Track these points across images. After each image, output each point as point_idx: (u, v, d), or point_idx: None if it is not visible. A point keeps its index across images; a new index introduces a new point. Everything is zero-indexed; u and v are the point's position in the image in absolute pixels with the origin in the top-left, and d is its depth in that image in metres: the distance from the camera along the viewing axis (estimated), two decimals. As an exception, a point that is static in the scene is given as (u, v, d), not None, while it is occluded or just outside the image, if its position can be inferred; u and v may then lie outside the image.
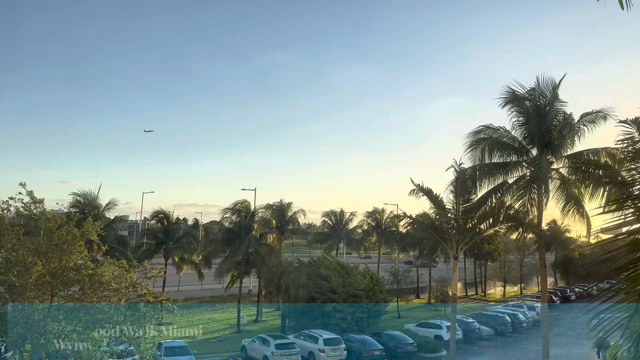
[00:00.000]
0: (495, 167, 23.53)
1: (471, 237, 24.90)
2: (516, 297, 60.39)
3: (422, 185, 25.70)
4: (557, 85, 23.08)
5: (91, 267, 16.88)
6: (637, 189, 5.21)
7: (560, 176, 22.99)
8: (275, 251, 43.06)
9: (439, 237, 25.94)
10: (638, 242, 4.89)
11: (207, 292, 55.68)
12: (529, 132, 23.49)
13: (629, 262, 4.96)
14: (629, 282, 5.03)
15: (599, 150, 22.38)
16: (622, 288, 5.11)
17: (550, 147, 23.09)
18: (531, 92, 23.26)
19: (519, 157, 23.80)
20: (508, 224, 24.89)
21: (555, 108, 23.12)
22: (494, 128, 24.08)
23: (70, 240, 16.75)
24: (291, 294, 34.50)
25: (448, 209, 25.15)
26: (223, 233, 45.07)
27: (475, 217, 24.44)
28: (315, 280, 36.26)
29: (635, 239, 4.96)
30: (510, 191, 23.77)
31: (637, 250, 4.85)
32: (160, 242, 45.03)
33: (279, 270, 37.09)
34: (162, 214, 46.47)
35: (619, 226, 5.12)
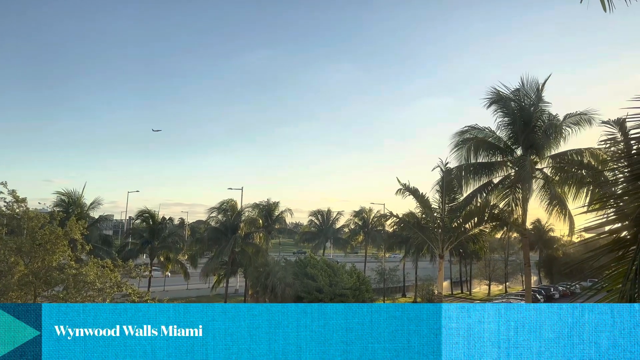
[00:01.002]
0: (480, 167, 23.78)
1: (457, 236, 25.13)
2: (501, 295, 61.00)
3: (409, 185, 25.90)
4: (541, 86, 23.39)
5: (75, 266, 16.69)
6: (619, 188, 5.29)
7: (544, 176, 23.28)
8: (262, 250, 42.98)
9: (425, 236, 26.14)
10: (620, 241, 4.96)
11: (193, 292, 55.30)
12: (514, 132, 23.76)
13: (611, 260, 5.03)
14: (610, 281, 5.11)
15: (583, 151, 22.73)
16: (604, 286, 5.18)
17: (535, 147, 23.38)
18: (516, 93, 23.55)
19: (504, 157, 24.07)
20: (493, 223, 25.15)
21: (539, 109, 23.43)
22: (479, 128, 24.35)
23: (53, 239, 16.54)
24: (278, 294, 34.48)
25: (434, 208, 25.37)
26: (209, 232, 44.87)
27: (461, 216, 24.67)
28: (302, 279, 36.28)
29: (617, 238, 5.03)
30: (495, 191, 24.03)
31: (619, 249, 4.92)
32: (145, 241, 44.74)
33: (265, 270, 37.03)
34: (148, 214, 46.12)
35: (601, 225, 5.20)
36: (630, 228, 4.90)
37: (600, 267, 5.17)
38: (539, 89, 23.28)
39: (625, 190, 5.18)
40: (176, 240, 48.31)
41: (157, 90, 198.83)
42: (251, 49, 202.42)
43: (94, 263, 17.67)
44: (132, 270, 19.96)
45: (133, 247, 45.88)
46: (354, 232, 65.73)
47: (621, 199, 5.22)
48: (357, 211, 64.47)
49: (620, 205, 5.14)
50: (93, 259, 18.06)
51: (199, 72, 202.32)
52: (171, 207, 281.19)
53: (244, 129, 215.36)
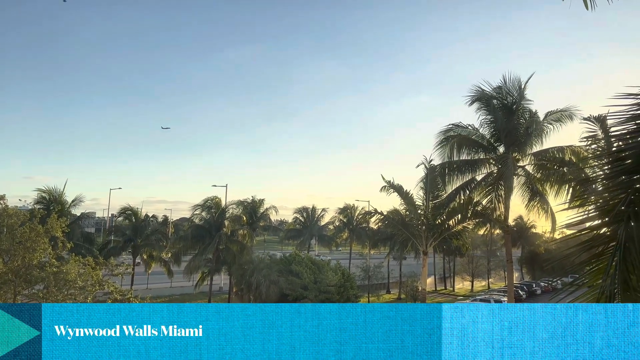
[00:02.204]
0: (463, 164, 23.93)
1: (440, 233, 25.31)
2: (484, 291, 61.66)
3: (393, 182, 26.00)
4: (524, 85, 23.57)
5: (56, 264, 16.47)
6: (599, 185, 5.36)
7: (526, 173, 23.52)
8: (247, 248, 42.78)
9: (409, 233, 26.28)
10: (600, 238, 5.02)
11: (177, 290, 54.87)
12: (497, 130, 23.93)
13: (591, 256, 5.09)
14: (591, 276, 5.18)
15: (564, 148, 22.98)
16: (585, 282, 5.25)
17: (517, 145, 23.59)
18: (498, 90, 23.69)
19: (487, 155, 24.24)
20: (476, 219, 25.37)
21: (521, 106, 23.61)
22: (462, 126, 24.49)
23: (33, 237, 16.29)
24: (262, 291, 34.41)
25: (418, 205, 25.50)
26: (193, 230, 44.47)
27: (444, 213, 24.84)
28: (287, 276, 36.25)
29: (597, 235, 5.10)
30: (478, 188, 24.22)
31: (599, 245, 4.99)
32: (128, 239, 44.26)
33: (250, 267, 36.92)
34: (130, 211, 45.65)
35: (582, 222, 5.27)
36: (610, 225, 4.96)
37: (581, 263, 5.23)
38: (522, 87, 23.45)
39: (605, 187, 5.24)
40: (159, 238, 47.94)
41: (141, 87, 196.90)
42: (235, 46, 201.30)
43: (75, 261, 17.50)
44: (114, 268, 19.80)
45: (115, 244, 45.37)
46: (338, 229, 65.84)
47: (601, 196, 5.28)
48: (341, 208, 64.61)
49: (601, 202, 5.20)
50: (74, 257, 17.88)
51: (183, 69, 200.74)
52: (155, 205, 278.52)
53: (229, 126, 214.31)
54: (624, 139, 4.91)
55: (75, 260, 17.59)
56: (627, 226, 4.58)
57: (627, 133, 4.79)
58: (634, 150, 4.75)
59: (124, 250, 45.60)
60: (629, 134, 4.79)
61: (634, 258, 4.53)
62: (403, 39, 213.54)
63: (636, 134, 4.72)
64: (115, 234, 48.93)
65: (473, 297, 54.93)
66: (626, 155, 4.89)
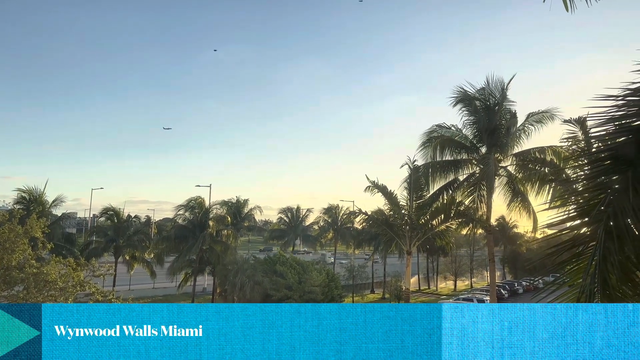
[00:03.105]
0: (446, 165, 24.12)
1: (424, 233, 25.46)
2: (467, 291, 62.24)
3: (377, 182, 26.09)
4: (506, 86, 23.81)
5: (36, 265, 16.22)
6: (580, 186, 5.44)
7: (508, 174, 23.79)
8: (231, 248, 42.55)
9: (393, 232, 26.38)
10: (580, 237, 5.10)
11: (160, 291, 54.34)
12: (479, 130, 24.13)
13: (572, 256, 5.17)
14: (571, 275, 5.25)
15: (545, 149, 23.29)
16: (566, 281, 5.33)
17: (499, 146, 23.83)
18: (481, 92, 23.91)
19: (470, 155, 24.44)
20: (459, 219, 25.58)
21: (504, 107, 23.84)
22: (446, 127, 24.69)
23: (12, 238, 16.02)
24: (247, 292, 34.22)
25: (402, 205, 25.62)
26: (176, 230, 44.10)
27: (428, 213, 25.00)
28: (271, 277, 36.15)
29: (577, 234, 5.17)
30: (461, 188, 24.42)
31: (579, 244, 5.06)
32: (110, 239, 43.75)
33: (234, 268, 36.69)
34: (112, 211, 45.19)
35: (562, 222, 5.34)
36: (590, 224, 5.03)
37: (561, 262, 5.31)
38: (504, 88, 23.68)
39: (585, 187, 5.32)
40: (142, 239, 47.45)
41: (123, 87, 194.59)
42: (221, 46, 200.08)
43: (56, 262, 17.27)
44: (96, 269, 19.59)
45: (97, 245, 44.87)
46: (323, 229, 65.90)
47: (582, 196, 5.36)
48: (326, 208, 64.72)
49: (581, 202, 5.27)
50: (55, 257, 17.65)
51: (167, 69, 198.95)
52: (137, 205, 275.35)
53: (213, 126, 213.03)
54: (603, 140, 4.99)
55: (56, 261, 17.37)
56: (606, 226, 4.65)
57: (606, 134, 4.87)
58: (613, 152, 4.83)
59: (106, 251, 45.12)
60: (608, 136, 4.87)
61: (614, 257, 4.61)
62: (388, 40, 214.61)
63: (615, 135, 4.80)
64: (97, 235, 48.47)
65: (456, 296, 55.40)
66: (605, 156, 4.97)
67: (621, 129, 4.74)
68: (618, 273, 4.70)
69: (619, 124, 4.74)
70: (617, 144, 4.78)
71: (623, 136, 4.74)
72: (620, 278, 4.78)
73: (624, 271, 4.76)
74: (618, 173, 4.72)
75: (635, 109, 4.68)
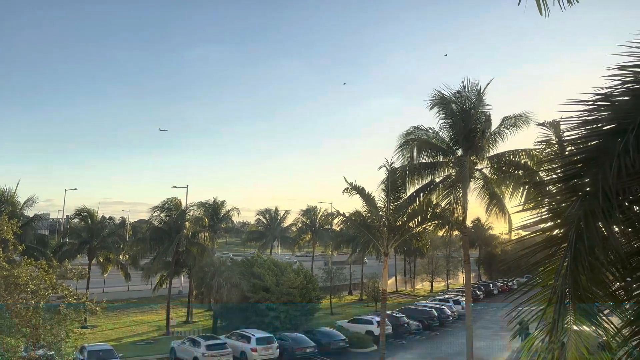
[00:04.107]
0: (423, 167, 24.36)
1: (401, 234, 25.63)
2: (443, 292, 63.06)
3: (355, 184, 26.18)
4: (482, 90, 24.12)
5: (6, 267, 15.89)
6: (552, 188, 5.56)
7: (483, 176, 24.16)
8: (208, 250, 42.17)
9: (370, 234, 26.50)
10: (552, 239, 5.21)
11: (135, 294, 53.68)
12: (455, 133, 24.41)
13: (545, 257, 5.28)
14: (544, 276, 5.37)
15: (519, 152, 23.70)
16: (539, 282, 5.44)
17: (474, 148, 24.16)
18: (457, 95, 24.20)
19: (446, 158, 24.72)
20: (435, 221, 25.84)
21: (479, 111, 24.16)
22: (423, 129, 24.94)
23: (-19, 239, 15.66)
24: (223, 294, 33.90)
25: (380, 207, 25.75)
26: (151, 232, 43.50)
27: (405, 215, 25.19)
28: (249, 279, 35.95)
29: (549, 236, 5.28)
30: (437, 190, 24.71)
31: (552, 246, 5.17)
32: (83, 241, 42.92)
33: (210, 270, 36.34)
34: (86, 212, 44.27)
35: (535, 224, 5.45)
36: (562, 226, 5.15)
37: (535, 263, 5.42)
38: (480, 92, 23.95)
39: (558, 189, 5.43)
40: (116, 240, 46.64)
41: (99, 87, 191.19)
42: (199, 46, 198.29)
43: (27, 264, 16.93)
44: (68, 272, 19.28)
45: (70, 247, 43.96)
46: (301, 230, 65.92)
47: (554, 199, 5.47)
48: (304, 210, 64.81)
49: (554, 204, 5.39)
50: (26, 260, 17.33)
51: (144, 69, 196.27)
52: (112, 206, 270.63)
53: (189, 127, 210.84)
54: (576, 144, 5.11)
55: (27, 264, 17.04)
56: (577, 228, 4.75)
57: (578, 138, 4.99)
58: (585, 155, 4.96)
59: (79, 253, 44.10)
60: (580, 139, 4.99)
61: (584, 259, 4.72)
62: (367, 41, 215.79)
63: (587, 139, 4.93)
64: (70, 236, 47.57)
65: (432, 297, 56.05)
66: (577, 159, 5.09)
67: (592, 133, 4.86)
68: (588, 274, 4.82)
69: (590, 128, 4.86)
70: (588, 148, 4.91)
71: (594, 140, 4.87)
72: (591, 279, 4.91)
73: (594, 272, 4.87)
74: (589, 176, 4.84)
75: (605, 113, 4.81)
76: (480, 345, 31.69)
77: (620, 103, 4.75)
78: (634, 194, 4.80)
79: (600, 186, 4.47)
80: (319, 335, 32.58)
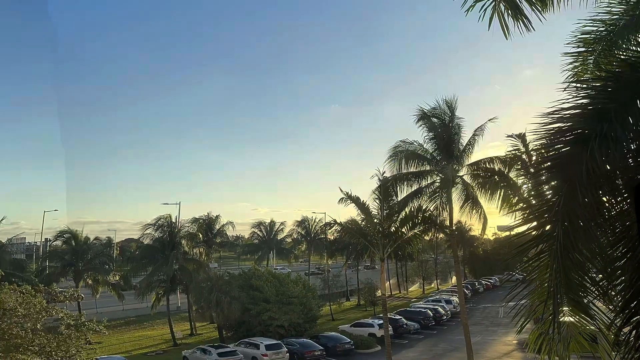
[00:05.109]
0: (411, 176, 26.40)
1: (395, 240, 27.24)
2: (434, 293, 64.96)
3: (350, 194, 27.76)
4: (453, 105, 26.85)
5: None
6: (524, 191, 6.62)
7: (463, 182, 26.23)
8: (204, 266, 42.62)
9: (367, 241, 28.01)
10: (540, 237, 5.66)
11: (131, 312, 53.25)
12: (437, 145, 26.68)
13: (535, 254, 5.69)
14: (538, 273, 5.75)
15: (494, 159, 26.28)
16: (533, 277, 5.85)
17: (454, 157, 26.37)
18: (436, 110, 26.52)
19: (431, 167, 26.76)
20: (425, 225, 27.63)
21: (455, 123, 26.56)
22: (409, 142, 27.09)
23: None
24: (224, 308, 34.53)
25: (374, 215, 27.33)
26: (142, 250, 43.39)
27: (397, 221, 26.93)
28: (248, 291, 36.85)
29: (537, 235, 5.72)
30: (424, 196, 26.65)
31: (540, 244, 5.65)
32: (67, 263, 42.04)
33: (208, 285, 36.84)
34: (69, 233, 43.36)
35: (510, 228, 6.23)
36: (538, 228, 5.67)
37: (514, 262, 6.17)
38: (451, 107, 26.47)
39: (541, 190, 5.90)
40: (105, 261, 46.00)
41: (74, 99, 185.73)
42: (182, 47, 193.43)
43: (9, 289, 17.09)
44: (59, 295, 19.46)
45: (53, 270, 43.10)
46: (297, 241, 66.96)
47: (538, 199, 5.91)
48: (299, 221, 65.94)
49: (540, 204, 5.68)
50: (8, 285, 17.44)
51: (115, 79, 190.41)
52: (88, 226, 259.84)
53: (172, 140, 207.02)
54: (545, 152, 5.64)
55: (9, 289, 17.14)
56: (563, 225, 5.14)
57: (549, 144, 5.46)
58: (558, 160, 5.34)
59: (63, 276, 43.04)
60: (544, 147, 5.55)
61: (571, 254, 5.24)
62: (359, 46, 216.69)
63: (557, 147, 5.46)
64: (51, 259, 46.47)
65: (425, 298, 57.72)
66: (553, 164, 5.47)
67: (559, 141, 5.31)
68: (576, 268, 5.35)
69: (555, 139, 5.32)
70: (563, 154, 5.26)
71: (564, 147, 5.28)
72: (579, 272, 5.45)
73: (580, 265, 5.38)
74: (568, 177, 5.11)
75: (568, 124, 5.27)
76: (476, 340, 33.47)
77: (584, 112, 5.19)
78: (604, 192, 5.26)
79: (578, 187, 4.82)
80: (325, 340, 34.16)
